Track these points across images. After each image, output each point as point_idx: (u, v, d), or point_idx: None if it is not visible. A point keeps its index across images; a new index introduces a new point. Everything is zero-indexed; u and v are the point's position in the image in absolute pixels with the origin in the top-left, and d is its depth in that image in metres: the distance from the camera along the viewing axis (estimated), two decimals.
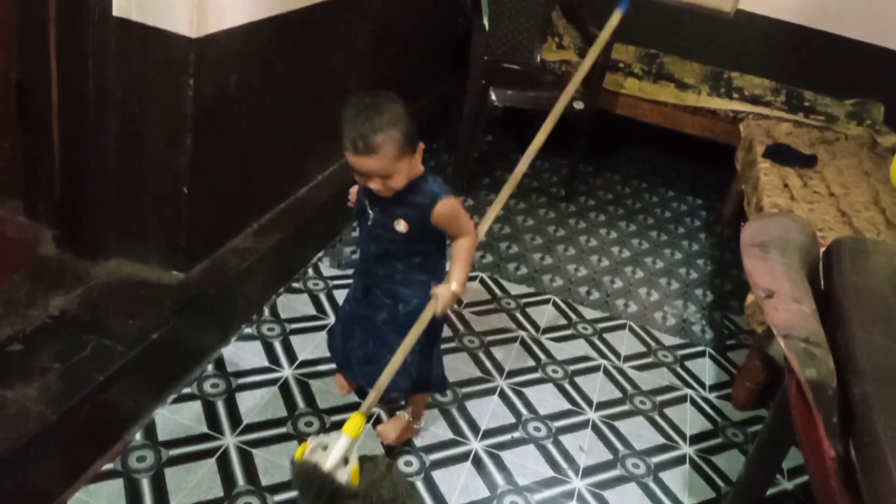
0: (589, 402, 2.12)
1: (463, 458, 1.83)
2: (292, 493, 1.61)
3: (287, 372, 1.98)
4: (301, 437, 1.77)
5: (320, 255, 2.53)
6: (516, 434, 1.95)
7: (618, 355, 2.35)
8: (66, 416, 1.47)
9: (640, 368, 2.31)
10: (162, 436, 1.71)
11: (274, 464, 1.69)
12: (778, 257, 1.01)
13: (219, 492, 1.60)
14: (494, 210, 1.78)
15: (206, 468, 1.64)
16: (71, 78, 1.70)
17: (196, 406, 1.81)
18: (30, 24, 1.69)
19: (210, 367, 1.93)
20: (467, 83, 3.11)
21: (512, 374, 2.17)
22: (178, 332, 1.79)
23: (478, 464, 1.82)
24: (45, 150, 1.82)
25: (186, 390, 1.85)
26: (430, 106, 3.47)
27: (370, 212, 1.59)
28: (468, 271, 1.59)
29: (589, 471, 1.88)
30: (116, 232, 1.90)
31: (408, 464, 1.78)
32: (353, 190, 1.68)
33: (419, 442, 1.84)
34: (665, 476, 1.90)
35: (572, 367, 2.25)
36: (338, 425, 1.57)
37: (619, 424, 2.05)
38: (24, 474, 1.43)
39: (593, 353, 2.34)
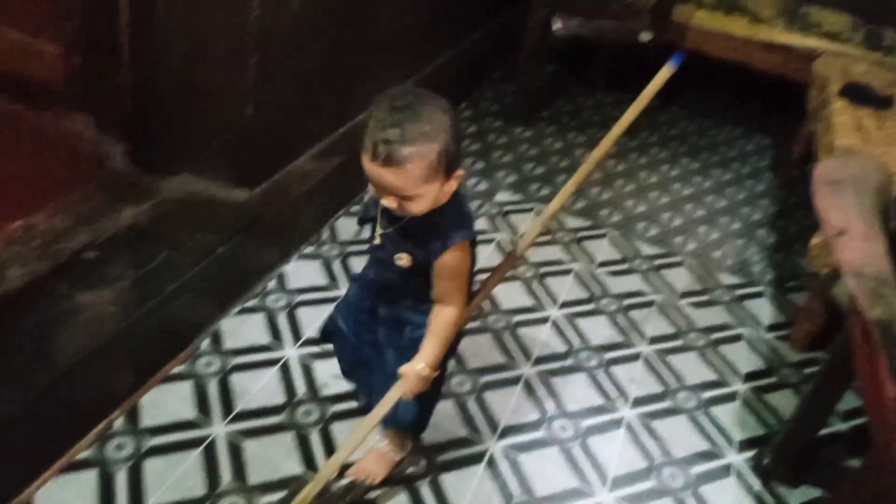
0: (641, 335, 2.12)
1: (513, 381, 1.87)
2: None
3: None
4: None
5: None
6: (567, 362, 1.97)
7: (673, 292, 2.34)
8: (139, 321, 1.55)
9: (696, 306, 2.29)
10: (227, 344, 1.79)
11: (336, 375, 1.75)
12: (852, 196, 0.98)
13: (281, 398, 1.68)
14: (540, 224, 1.44)
15: (269, 376, 1.72)
16: None
17: (259, 318, 1.88)
18: None
19: (272, 283, 2.00)
20: (529, 11, 3.04)
21: (565, 304, 2.18)
22: (242, 247, 1.85)
23: (528, 388, 1.86)
24: (115, 65, 1.86)
25: (250, 303, 1.92)
26: (490, 35, 3.40)
27: (378, 229, 1.28)
28: (443, 351, 1.30)
29: (638, 401, 1.89)
30: (184, 148, 1.95)
31: (460, 384, 1.83)
32: None
33: (472, 364, 1.89)
34: (715, 411, 1.91)
35: (626, 301, 2.25)
36: None
37: (671, 359, 2.06)
38: (101, 374, 1.52)
39: (647, 289, 2.33)
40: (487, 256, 2.30)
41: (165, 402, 1.62)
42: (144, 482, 1.45)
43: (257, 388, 1.69)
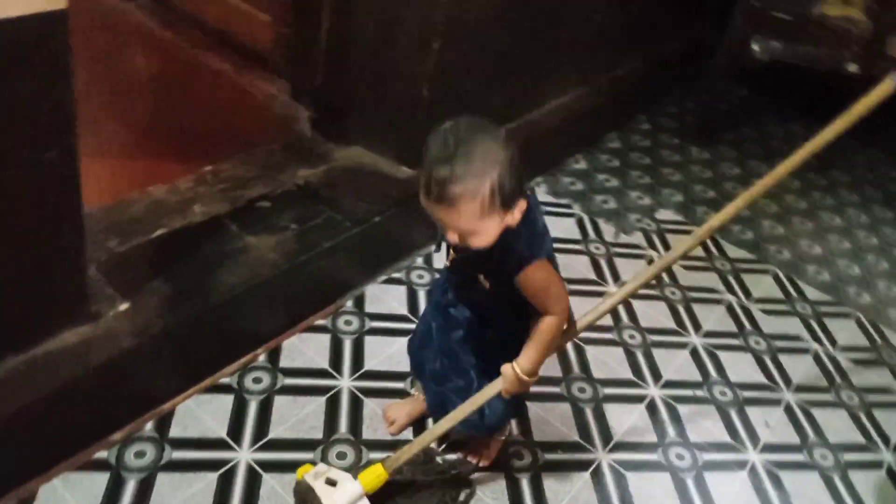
0: (787, 381, 1.99)
1: (637, 399, 1.83)
2: None
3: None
4: None
5: (539, 179, 2.58)
6: (699, 392, 1.89)
7: (834, 343, 2.16)
8: (294, 269, 1.68)
9: (858, 363, 2.11)
10: (369, 308, 1.90)
11: None
12: None
13: (405, 367, 1.76)
14: (606, 307, 1.37)
15: (399, 344, 1.80)
16: None
17: (401, 290, 1.97)
18: None
19: (420, 260, 2.09)
20: (727, 28, 2.92)
21: (710, 334, 2.08)
22: (397, 220, 1.94)
23: (651, 409, 1.81)
24: (314, 39, 2.03)
25: (396, 275, 2.01)
26: (679, 50, 3.30)
27: (450, 252, 1.28)
28: (544, 356, 1.27)
29: (769, 447, 1.78)
30: (362, 123, 2.08)
31: (581, 390, 1.81)
32: None
33: (596, 373, 1.87)
34: (855, 476, 1.75)
35: (778, 343, 2.11)
36: None
37: (816, 412, 1.91)
38: (254, 311, 1.67)
39: (806, 335, 2.17)
40: (633, 271, 2.25)
41: (304, 348, 1.75)
42: (272, 415, 1.58)
43: (387, 354, 1.78)
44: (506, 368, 1.28)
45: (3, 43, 0.99)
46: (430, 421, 1.60)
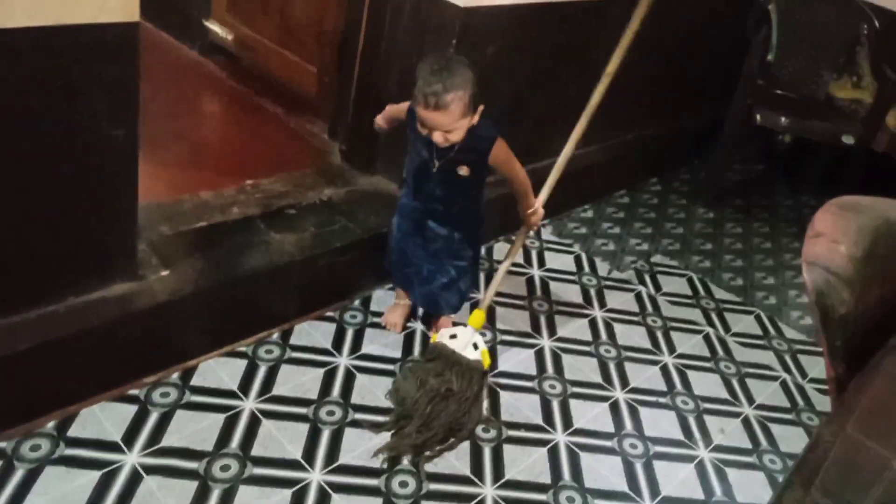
0: (751, 400, 2.16)
1: (602, 399, 2.04)
2: None
3: (481, 296, 2.34)
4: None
5: (545, 222, 2.86)
6: (663, 399, 2.09)
7: (805, 375, 2.32)
8: (307, 261, 2.01)
9: (823, 392, 2.26)
10: (374, 307, 2.19)
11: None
12: (853, 215, 1.10)
13: (398, 354, 2.03)
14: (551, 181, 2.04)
15: (396, 338, 2.08)
16: (373, 29, 2.26)
17: None
18: None
19: None
20: (732, 101, 3.20)
21: (682, 356, 2.29)
22: None
23: (614, 407, 2.02)
24: (347, 86, 2.42)
25: None
26: (698, 123, 3.59)
27: (435, 162, 1.80)
28: (532, 196, 1.96)
29: (720, 448, 1.95)
30: (384, 156, 2.43)
31: (552, 386, 2.04)
32: (381, 117, 2.02)
33: (569, 375, 2.09)
34: None
35: (748, 370, 2.29)
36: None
37: (774, 427, 2.07)
38: (271, 293, 1.99)
39: (778, 367, 2.34)
40: (623, 302, 2.49)
41: (313, 332, 2.05)
42: (277, 379, 1.87)
43: (385, 342, 2.06)
44: (535, 213, 1.98)
45: (94, 41, 1.38)
46: (419, 320, 1.98)
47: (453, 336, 1.89)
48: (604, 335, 2.30)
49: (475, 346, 1.88)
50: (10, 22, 1.25)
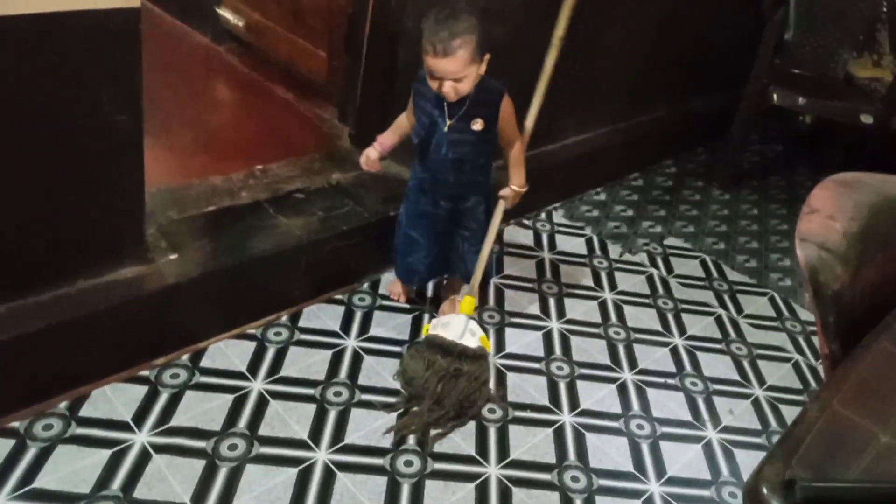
0: (762, 381, 2.15)
1: (610, 381, 2.04)
2: None
3: (490, 279, 2.35)
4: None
5: (556, 204, 2.85)
6: (671, 381, 2.08)
7: (818, 357, 2.30)
8: (315, 245, 2.02)
9: None
10: (382, 290, 2.20)
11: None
12: (849, 192, 1.09)
13: (406, 336, 2.04)
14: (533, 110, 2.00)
15: (404, 319, 2.10)
16: (381, 13, 2.26)
17: None
18: None
19: None
20: (749, 80, 3.15)
21: (693, 338, 2.27)
22: None
23: (622, 389, 2.01)
24: (356, 70, 2.43)
25: None
26: (714, 104, 3.55)
27: (447, 120, 1.82)
28: (525, 173, 1.95)
29: (729, 429, 1.94)
30: None
31: (559, 368, 2.04)
32: (366, 157, 2.00)
33: (576, 357, 2.09)
34: None
35: (760, 352, 2.27)
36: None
37: (784, 408, 2.06)
38: (280, 276, 2.01)
39: (791, 348, 2.32)
40: (634, 284, 2.48)
41: (321, 315, 2.07)
42: (286, 360, 1.89)
43: (393, 324, 2.08)
44: (505, 191, 1.95)
45: (95, 27, 1.40)
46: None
47: (446, 324, 1.88)
48: (613, 317, 2.29)
49: (472, 334, 1.87)
50: (11, 9, 1.27)
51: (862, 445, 0.79)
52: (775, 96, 3.07)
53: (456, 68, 1.69)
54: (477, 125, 1.82)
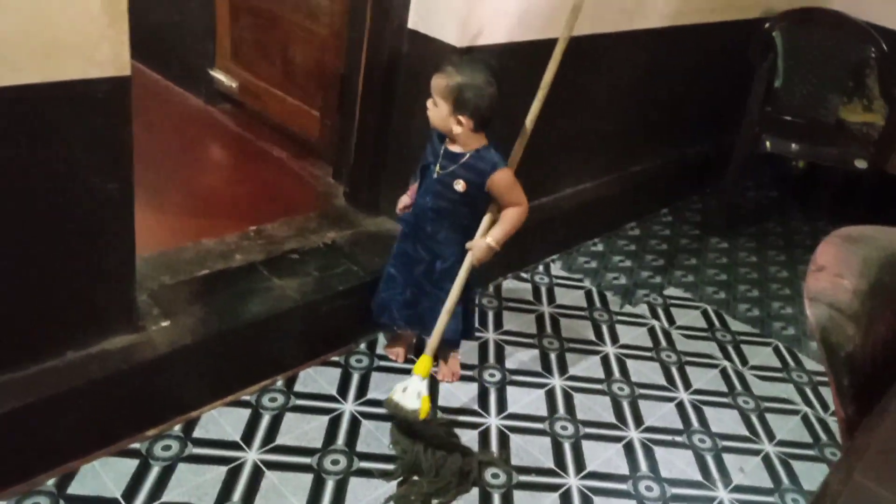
0: (771, 436, 2.09)
1: (616, 440, 1.98)
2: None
3: (490, 335, 2.31)
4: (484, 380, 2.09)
5: (554, 256, 2.83)
6: (678, 438, 2.02)
7: (826, 408, 2.24)
8: (310, 305, 1.98)
9: None
10: (380, 350, 2.16)
11: (452, 393, 2.03)
12: (855, 247, 1.06)
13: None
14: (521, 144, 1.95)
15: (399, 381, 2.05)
16: (373, 72, 2.27)
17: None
18: (355, 32, 2.31)
19: None
20: (741, 127, 3.17)
21: (698, 392, 2.22)
22: None
23: (628, 448, 1.95)
24: (349, 128, 2.43)
25: None
26: (707, 152, 3.56)
27: (438, 169, 1.83)
28: (509, 235, 1.83)
29: (740, 489, 1.88)
30: (387, 198, 2.41)
31: (563, 428, 1.98)
32: (400, 202, 2.00)
33: (580, 415, 2.03)
34: None
35: (767, 404, 2.22)
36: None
37: (795, 464, 2.00)
38: (275, 339, 1.97)
39: (798, 399, 2.27)
40: (636, 337, 2.43)
41: (317, 378, 2.02)
42: (281, 427, 1.84)
43: (390, 387, 2.00)
44: (475, 242, 1.84)
45: (86, 96, 1.39)
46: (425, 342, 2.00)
47: (405, 389, 1.83)
48: (616, 372, 2.25)
49: (418, 395, 1.81)
50: None
51: None
52: (768, 143, 3.08)
53: (437, 86, 1.77)
54: (459, 185, 1.81)
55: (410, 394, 1.81)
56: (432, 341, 1.88)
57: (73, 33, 1.33)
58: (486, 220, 1.87)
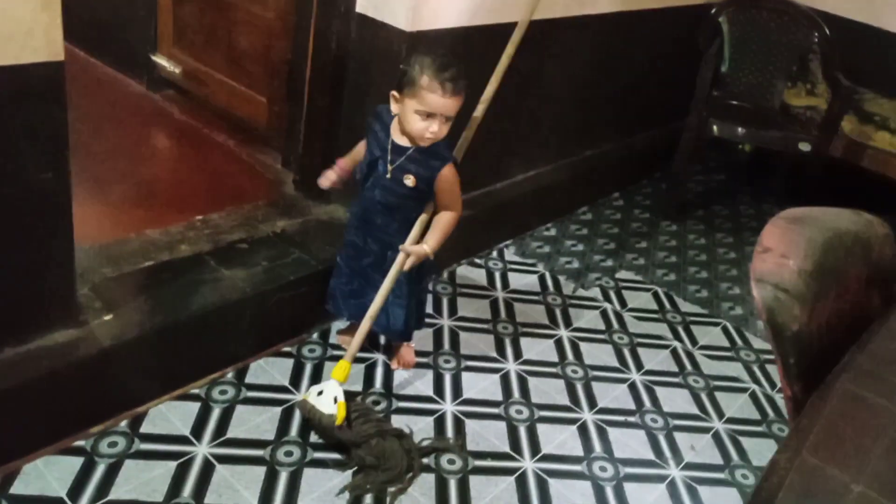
0: (721, 414, 2.13)
1: (570, 422, 1.99)
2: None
3: (444, 322, 2.30)
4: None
5: (508, 242, 2.83)
6: (632, 419, 2.05)
7: (773, 385, 2.30)
8: (259, 297, 1.94)
9: None
10: (333, 340, 2.13)
11: (408, 381, 2.02)
12: (801, 229, 1.08)
13: (360, 387, 1.97)
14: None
15: (355, 370, 2.02)
16: (321, 57, 2.23)
17: None
18: (301, 17, 2.26)
19: None
20: (689, 113, 3.21)
21: (650, 372, 2.25)
22: None
23: (582, 429, 1.97)
24: (297, 115, 2.38)
25: None
26: (656, 137, 3.60)
27: (388, 165, 1.78)
28: (443, 240, 1.82)
29: (691, 466, 1.92)
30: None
31: (518, 412, 1.99)
32: (325, 176, 1.99)
33: (535, 398, 2.04)
34: None
35: (717, 383, 2.26)
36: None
37: (745, 441, 2.04)
38: (224, 331, 1.93)
39: (746, 377, 2.32)
40: (589, 320, 2.46)
41: (269, 369, 1.98)
42: (232, 420, 1.80)
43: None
44: (410, 246, 1.80)
45: (16, 82, 1.32)
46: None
47: (320, 393, 1.78)
48: (570, 355, 2.26)
49: (335, 400, 1.76)
50: None
51: (835, 498, 0.76)
52: (715, 128, 3.13)
53: (457, 106, 1.69)
54: (409, 181, 1.77)
55: (326, 398, 1.76)
56: (352, 348, 1.86)
57: (3, 18, 1.26)
58: (422, 218, 1.83)
